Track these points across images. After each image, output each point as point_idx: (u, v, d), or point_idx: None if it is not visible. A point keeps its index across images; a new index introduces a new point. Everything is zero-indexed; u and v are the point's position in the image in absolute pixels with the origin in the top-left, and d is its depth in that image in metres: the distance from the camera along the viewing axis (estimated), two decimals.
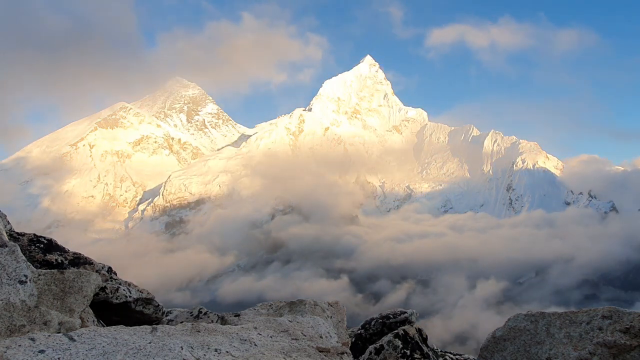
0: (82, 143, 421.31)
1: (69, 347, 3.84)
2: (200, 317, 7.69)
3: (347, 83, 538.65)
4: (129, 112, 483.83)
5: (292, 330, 5.60)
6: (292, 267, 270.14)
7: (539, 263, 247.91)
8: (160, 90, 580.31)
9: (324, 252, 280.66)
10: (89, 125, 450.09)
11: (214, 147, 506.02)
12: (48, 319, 4.44)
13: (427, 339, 6.81)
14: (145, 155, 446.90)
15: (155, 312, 6.76)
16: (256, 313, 7.95)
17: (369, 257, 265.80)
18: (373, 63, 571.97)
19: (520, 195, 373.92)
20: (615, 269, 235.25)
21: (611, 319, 4.77)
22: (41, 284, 4.97)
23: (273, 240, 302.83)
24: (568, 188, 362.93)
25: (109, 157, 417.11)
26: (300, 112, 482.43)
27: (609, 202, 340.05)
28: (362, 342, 7.20)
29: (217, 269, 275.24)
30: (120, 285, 6.46)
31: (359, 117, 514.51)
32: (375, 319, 7.61)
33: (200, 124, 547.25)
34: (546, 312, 5.25)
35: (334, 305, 8.64)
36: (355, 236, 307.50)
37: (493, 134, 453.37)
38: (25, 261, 4.73)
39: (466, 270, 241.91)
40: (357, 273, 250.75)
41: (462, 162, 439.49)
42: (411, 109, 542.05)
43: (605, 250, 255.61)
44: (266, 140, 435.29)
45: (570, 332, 4.94)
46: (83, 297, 5.17)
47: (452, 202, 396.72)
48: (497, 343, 5.38)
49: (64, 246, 6.74)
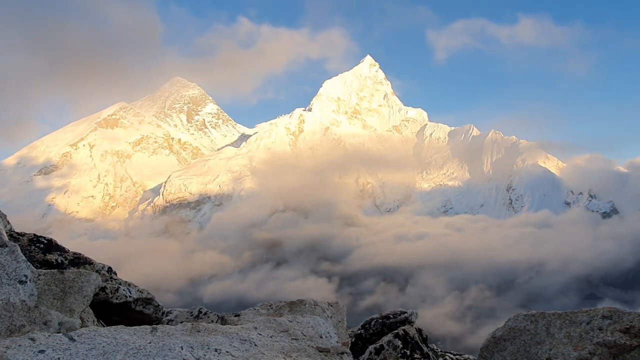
0: (82, 143, 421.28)
1: (69, 347, 3.83)
2: (200, 317, 7.69)
3: (347, 83, 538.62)
4: (129, 112, 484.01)
5: (292, 330, 5.60)
6: (285, 268, 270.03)
7: (539, 263, 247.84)
8: (160, 90, 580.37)
9: (320, 253, 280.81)
10: (89, 125, 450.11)
11: (214, 147, 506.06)
12: (48, 319, 4.42)
13: (427, 339, 6.81)
14: (145, 155, 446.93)
15: (155, 312, 6.76)
16: (256, 313, 7.95)
17: (362, 257, 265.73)
18: (373, 63, 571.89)
19: (520, 195, 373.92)
20: (615, 269, 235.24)
21: (611, 319, 4.75)
22: (41, 284, 4.94)
23: (272, 240, 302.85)
24: (568, 188, 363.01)
25: (109, 157, 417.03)
26: (300, 112, 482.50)
27: (609, 202, 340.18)
28: (362, 342, 7.20)
29: (215, 270, 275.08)
30: (120, 285, 6.46)
31: (359, 117, 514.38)
32: (375, 319, 7.61)
33: (200, 124, 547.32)
34: (546, 312, 5.25)
35: (334, 305, 8.64)
36: (352, 236, 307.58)
37: (493, 134, 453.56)
38: (25, 261, 4.72)
39: (456, 272, 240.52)
40: (345, 273, 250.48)
41: (462, 162, 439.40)
42: (411, 109, 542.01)
43: (605, 250, 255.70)
44: (266, 140, 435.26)
45: (570, 332, 4.93)
46: (83, 297, 5.17)
47: (452, 202, 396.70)
48: (497, 343, 5.38)
49: (64, 246, 6.74)
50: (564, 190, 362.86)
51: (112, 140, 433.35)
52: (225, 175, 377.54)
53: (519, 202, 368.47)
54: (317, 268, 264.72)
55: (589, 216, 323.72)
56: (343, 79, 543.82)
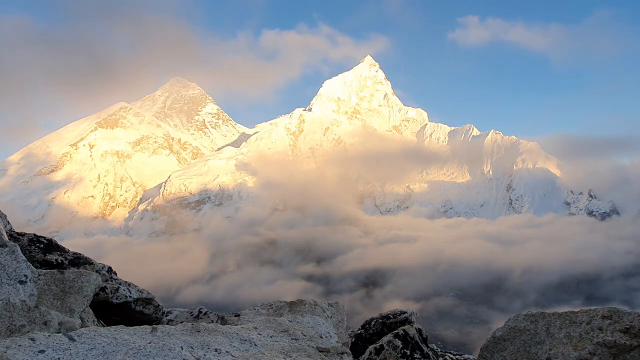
0: (82, 143, 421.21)
1: (69, 347, 3.85)
2: (200, 317, 7.70)
3: (347, 83, 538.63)
4: (129, 112, 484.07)
5: (292, 330, 5.60)
6: (285, 268, 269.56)
7: (539, 263, 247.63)
8: (160, 90, 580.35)
9: (320, 253, 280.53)
10: (89, 125, 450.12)
11: (214, 147, 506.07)
12: (48, 319, 4.45)
13: (427, 339, 6.81)
14: (145, 155, 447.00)
15: (155, 312, 6.77)
16: (256, 313, 7.95)
17: (359, 258, 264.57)
18: (373, 63, 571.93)
19: (520, 195, 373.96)
20: (615, 269, 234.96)
21: (611, 319, 4.74)
22: (41, 284, 4.98)
23: (272, 241, 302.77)
24: (568, 188, 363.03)
25: (109, 157, 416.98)
26: (300, 112, 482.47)
27: (609, 202, 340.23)
28: (362, 342, 7.20)
29: (216, 270, 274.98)
30: (120, 285, 6.47)
31: (359, 117, 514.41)
32: (375, 319, 7.60)
33: (200, 124, 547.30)
34: (546, 312, 5.24)
35: (334, 305, 8.65)
36: (352, 236, 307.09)
37: (493, 134, 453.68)
38: (25, 261, 4.75)
39: (454, 273, 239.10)
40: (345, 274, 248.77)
41: (462, 162, 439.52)
42: (411, 109, 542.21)
43: (605, 250, 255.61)
44: (266, 140, 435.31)
45: (570, 332, 4.93)
46: (83, 297, 5.18)
47: (452, 202, 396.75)
48: (497, 343, 5.37)
49: (64, 246, 6.75)
50: (564, 190, 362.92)
51: (112, 140, 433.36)
52: (225, 176, 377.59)
53: (519, 202, 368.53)
54: (318, 268, 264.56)
55: (589, 216, 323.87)
56: (343, 79, 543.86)
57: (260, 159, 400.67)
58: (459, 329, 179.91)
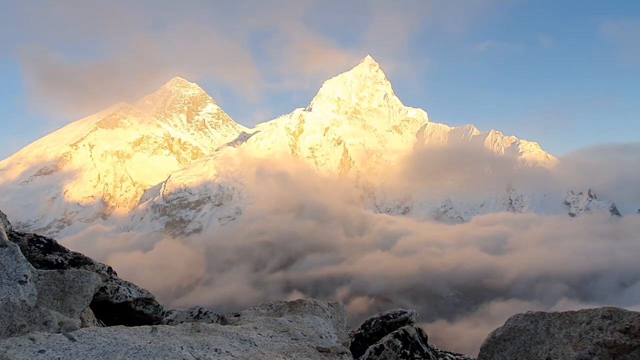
0: (82, 143, 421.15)
1: (69, 347, 3.84)
2: (200, 317, 7.70)
3: (347, 83, 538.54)
4: (129, 112, 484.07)
5: (292, 330, 5.61)
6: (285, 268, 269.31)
7: (538, 263, 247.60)
8: (160, 90, 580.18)
9: (319, 253, 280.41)
10: (89, 125, 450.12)
11: (214, 147, 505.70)
12: (48, 319, 4.44)
13: (427, 339, 6.80)
14: (145, 155, 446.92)
15: (155, 312, 6.77)
16: (256, 313, 7.96)
17: (354, 259, 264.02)
18: (373, 63, 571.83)
19: (520, 195, 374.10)
20: (615, 269, 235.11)
21: (611, 319, 4.70)
22: (41, 284, 4.94)
23: (272, 241, 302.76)
24: (568, 188, 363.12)
25: (109, 157, 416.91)
26: (300, 112, 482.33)
27: (609, 202, 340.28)
28: (362, 342, 7.20)
29: (215, 270, 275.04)
30: (120, 285, 6.47)
31: (359, 117, 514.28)
32: (375, 319, 7.60)
33: (200, 124, 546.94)
34: (546, 312, 5.24)
35: (334, 305, 8.65)
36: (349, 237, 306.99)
37: (493, 134, 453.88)
38: (25, 261, 4.74)
39: (453, 274, 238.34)
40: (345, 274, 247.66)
41: (462, 162, 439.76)
42: (411, 109, 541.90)
43: (605, 250, 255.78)
44: (266, 140, 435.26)
45: (570, 332, 4.89)
46: (83, 297, 5.17)
47: (452, 202, 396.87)
48: (497, 343, 5.36)
49: (64, 246, 6.75)
50: (564, 190, 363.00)
51: (112, 140, 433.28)
52: (225, 175, 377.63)
53: (519, 202, 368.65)
54: (318, 268, 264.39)
55: (589, 216, 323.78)
56: (343, 79, 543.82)
57: (260, 159, 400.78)
58: (459, 328, 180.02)
